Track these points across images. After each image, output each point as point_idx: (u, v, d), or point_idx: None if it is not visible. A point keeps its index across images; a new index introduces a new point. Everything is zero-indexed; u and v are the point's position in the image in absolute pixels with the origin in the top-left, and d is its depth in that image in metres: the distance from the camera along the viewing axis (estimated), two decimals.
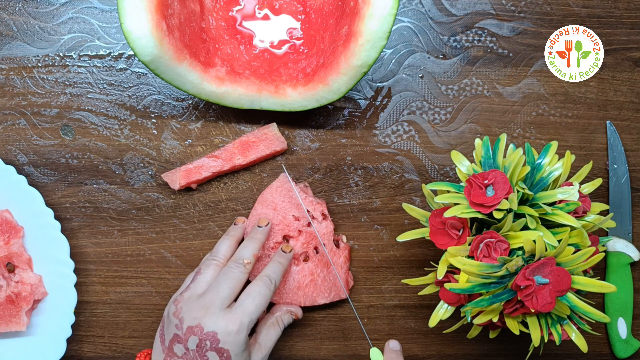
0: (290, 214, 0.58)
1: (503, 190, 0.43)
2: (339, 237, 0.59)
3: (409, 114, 0.60)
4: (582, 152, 0.60)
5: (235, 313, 0.48)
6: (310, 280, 0.57)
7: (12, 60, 0.59)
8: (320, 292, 0.58)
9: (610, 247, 0.60)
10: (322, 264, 0.58)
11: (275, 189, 0.58)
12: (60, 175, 0.59)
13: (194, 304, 0.49)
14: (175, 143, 0.59)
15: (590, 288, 0.43)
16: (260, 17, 0.58)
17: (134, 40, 0.49)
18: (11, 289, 0.55)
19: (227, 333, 0.47)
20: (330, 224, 0.58)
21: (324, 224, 0.57)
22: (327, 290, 0.58)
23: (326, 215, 0.58)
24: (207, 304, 0.49)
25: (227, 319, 0.48)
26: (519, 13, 0.60)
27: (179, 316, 0.49)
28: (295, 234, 0.58)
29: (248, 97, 0.55)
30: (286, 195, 0.58)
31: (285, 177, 0.58)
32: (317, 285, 0.58)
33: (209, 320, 0.48)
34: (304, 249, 0.58)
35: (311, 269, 0.58)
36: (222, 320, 0.48)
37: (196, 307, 0.49)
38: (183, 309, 0.49)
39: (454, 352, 0.61)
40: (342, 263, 0.58)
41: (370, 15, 0.49)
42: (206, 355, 0.47)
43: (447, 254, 0.46)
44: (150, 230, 0.60)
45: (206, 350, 0.47)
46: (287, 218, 0.58)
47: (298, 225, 0.58)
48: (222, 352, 0.47)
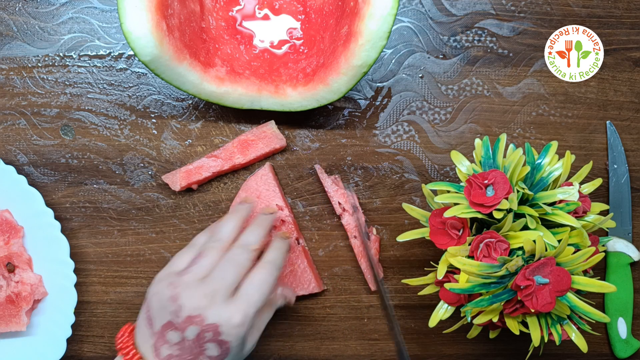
0: (273, 202, 0.58)
1: (503, 190, 0.43)
2: (370, 229, 0.59)
3: (409, 114, 0.60)
4: (582, 152, 0.60)
5: (240, 304, 0.45)
6: (290, 271, 0.57)
7: (12, 60, 0.59)
8: (300, 284, 0.58)
9: (610, 247, 0.60)
10: (303, 255, 0.58)
11: (260, 177, 0.58)
12: (60, 175, 0.59)
13: (196, 290, 0.46)
14: (175, 143, 0.59)
15: (590, 288, 0.43)
16: (260, 17, 0.58)
17: (134, 40, 0.49)
18: (11, 289, 0.55)
19: (230, 326, 0.44)
20: (361, 216, 0.58)
21: (354, 216, 0.57)
22: (306, 281, 0.58)
23: (357, 207, 0.58)
24: (211, 292, 0.45)
25: (231, 310, 0.45)
26: (519, 13, 0.60)
27: (177, 302, 0.45)
28: (278, 223, 0.58)
29: (248, 97, 0.55)
30: (270, 184, 0.58)
31: (269, 166, 0.58)
32: (296, 276, 0.58)
33: (213, 311, 0.45)
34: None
35: (292, 259, 0.58)
36: (226, 311, 0.45)
37: (198, 295, 0.45)
38: (182, 295, 0.45)
39: (454, 352, 0.61)
40: (373, 255, 0.58)
41: (370, 15, 0.49)
42: (204, 346, 0.45)
43: (447, 254, 0.46)
44: (150, 230, 0.60)
45: (206, 341, 0.45)
46: (270, 207, 0.58)
47: (281, 214, 0.58)
48: (223, 344, 0.45)
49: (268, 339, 0.61)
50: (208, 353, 0.45)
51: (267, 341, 0.61)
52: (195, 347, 0.45)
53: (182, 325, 0.45)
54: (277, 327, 0.60)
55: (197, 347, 0.45)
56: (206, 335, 0.45)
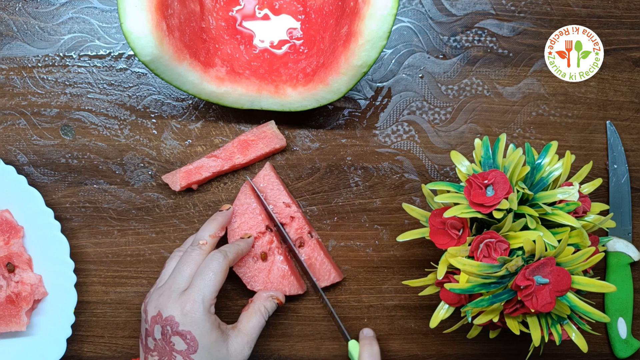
0: (280, 200, 0.58)
1: (503, 190, 0.43)
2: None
3: (409, 114, 0.60)
4: (582, 152, 0.60)
5: (189, 293, 0.48)
6: (310, 265, 0.58)
7: (12, 60, 0.59)
8: (321, 276, 0.58)
9: (610, 247, 0.60)
10: (319, 247, 0.58)
11: (262, 177, 0.58)
12: (60, 175, 0.59)
13: (154, 294, 0.50)
14: (175, 143, 0.59)
15: (590, 288, 0.43)
16: (260, 17, 0.58)
17: (134, 40, 0.49)
18: (11, 289, 0.55)
19: (183, 314, 0.47)
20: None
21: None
22: (326, 272, 0.58)
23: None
24: (165, 290, 0.49)
25: (181, 301, 0.48)
26: (519, 13, 0.60)
27: (145, 310, 0.50)
28: (288, 220, 0.58)
29: (248, 97, 0.55)
30: (274, 183, 0.58)
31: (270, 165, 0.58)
32: (315, 269, 0.58)
33: (166, 306, 0.48)
34: (298, 235, 0.58)
35: (308, 253, 0.58)
36: (177, 303, 0.48)
37: (155, 297, 0.49)
38: (146, 302, 0.50)
39: (454, 352, 0.61)
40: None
41: (370, 15, 0.49)
42: (172, 341, 0.47)
43: (447, 254, 0.46)
44: (150, 230, 0.60)
45: (170, 336, 0.47)
46: (277, 206, 0.58)
47: (290, 211, 0.58)
48: (184, 335, 0.47)
49: (268, 339, 0.61)
50: (177, 348, 0.47)
51: (267, 341, 0.61)
52: (165, 345, 0.47)
53: (150, 329, 0.49)
54: (277, 327, 0.60)
55: (166, 344, 0.47)
56: (168, 330, 0.47)
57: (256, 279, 0.57)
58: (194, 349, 0.47)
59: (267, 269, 0.57)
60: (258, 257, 0.57)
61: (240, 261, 0.56)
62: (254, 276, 0.57)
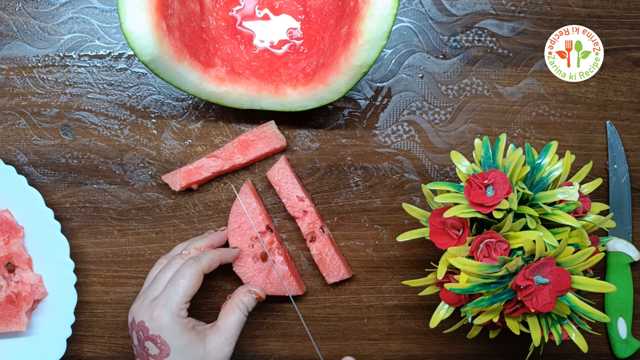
0: (294, 194, 0.58)
1: (503, 190, 0.43)
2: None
3: (409, 114, 0.60)
4: (582, 152, 0.60)
5: (158, 299, 0.49)
6: (320, 260, 0.58)
7: (12, 60, 0.59)
8: (330, 272, 0.58)
9: (610, 247, 0.60)
10: (330, 243, 0.58)
11: (277, 170, 0.58)
12: (60, 175, 0.59)
13: (134, 304, 0.51)
14: (175, 143, 0.59)
15: (590, 288, 0.43)
16: (260, 17, 0.58)
17: (134, 40, 0.49)
18: (11, 289, 0.55)
19: (151, 319, 0.48)
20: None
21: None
22: (336, 268, 0.58)
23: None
24: (143, 298, 0.50)
25: (151, 307, 0.49)
26: (519, 13, 0.60)
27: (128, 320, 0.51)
28: (301, 214, 0.58)
29: (248, 97, 0.55)
30: (289, 176, 0.58)
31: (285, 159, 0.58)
32: (325, 265, 0.58)
33: (139, 312, 0.49)
34: (309, 229, 0.58)
35: (319, 248, 0.58)
36: (147, 309, 0.49)
37: (136, 304, 0.51)
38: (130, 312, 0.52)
39: (454, 352, 0.61)
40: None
41: (370, 15, 0.49)
42: (146, 346, 0.48)
43: (447, 254, 0.46)
44: (150, 230, 0.60)
45: (143, 341, 0.48)
46: (291, 199, 0.58)
47: (303, 205, 0.58)
48: (154, 339, 0.48)
49: (268, 339, 0.61)
50: (151, 352, 0.48)
51: (267, 341, 0.61)
52: (141, 350, 0.49)
53: (130, 335, 0.50)
54: (277, 327, 0.61)
55: (142, 349, 0.49)
56: (141, 335, 0.49)
57: (256, 279, 0.57)
58: (166, 352, 0.48)
59: (267, 269, 0.57)
60: (258, 257, 0.57)
61: (240, 261, 0.57)
62: (254, 276, 0.57)
